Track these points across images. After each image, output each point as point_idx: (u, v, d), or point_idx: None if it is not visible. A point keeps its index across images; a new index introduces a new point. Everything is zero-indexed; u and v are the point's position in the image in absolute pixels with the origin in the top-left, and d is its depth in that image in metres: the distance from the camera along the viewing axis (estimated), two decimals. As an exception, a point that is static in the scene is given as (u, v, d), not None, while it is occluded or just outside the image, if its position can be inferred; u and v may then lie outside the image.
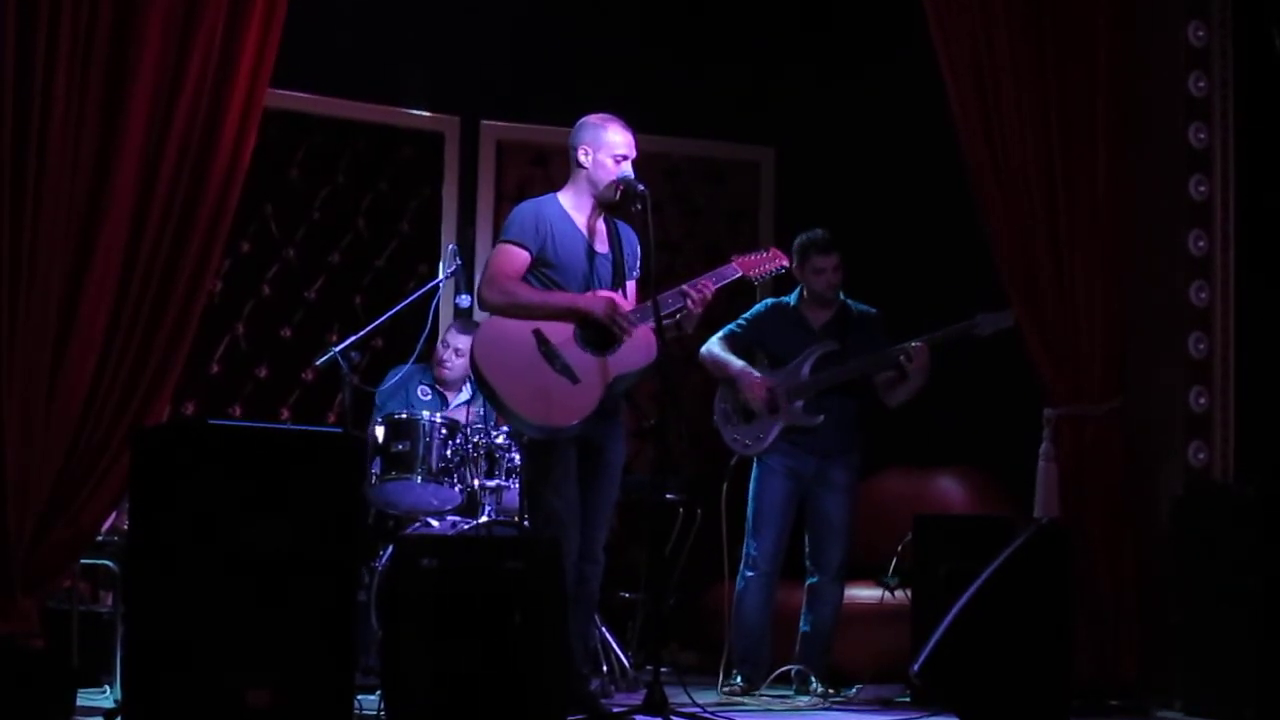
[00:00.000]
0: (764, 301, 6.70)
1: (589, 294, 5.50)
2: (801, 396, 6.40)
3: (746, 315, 6.65)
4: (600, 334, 5.47)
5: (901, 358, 6.25)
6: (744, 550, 6.46)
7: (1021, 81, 6.18)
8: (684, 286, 5.55)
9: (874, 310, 6.61)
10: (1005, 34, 6.19)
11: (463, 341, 6.81)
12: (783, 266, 5.93)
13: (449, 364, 6.94)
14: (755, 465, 6.50)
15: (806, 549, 6.46)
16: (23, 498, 4.93)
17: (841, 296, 6.58)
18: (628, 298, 5.63)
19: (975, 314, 6.25)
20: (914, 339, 6.26)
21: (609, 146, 5.56)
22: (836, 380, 6.39)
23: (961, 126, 6.22)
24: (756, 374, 6.43)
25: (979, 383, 7.00)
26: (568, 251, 5.55)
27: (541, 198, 5.69)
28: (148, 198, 5.15)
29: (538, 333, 5.40)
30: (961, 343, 6.29)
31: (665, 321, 5.40)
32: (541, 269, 5.52)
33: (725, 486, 6.57)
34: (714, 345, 6.56)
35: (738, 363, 6.49)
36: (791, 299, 6.60)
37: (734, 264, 5.75)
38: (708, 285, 5.56)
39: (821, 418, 6.38)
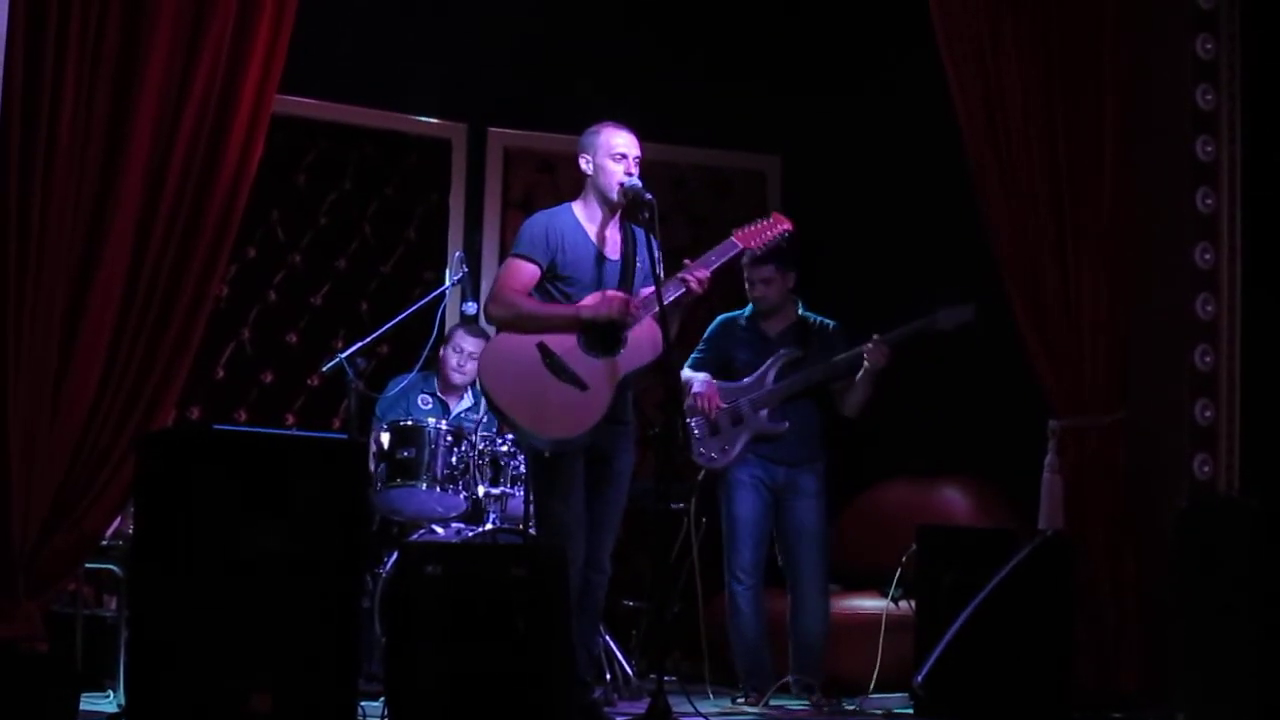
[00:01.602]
0: (715, 319, 6.66)
1: (589, 299, 5.50)
2: (766, 405, 6.40)
3: (704, 337, 6.64)
4: (603, 335, 5.47)
5: (865, 356, 6.23)
6: (725, 565, 6.46)
7: (1028, 92, 6.18)
8: (682, 274, 5.54)
9: (833, 323, 6.56)
10: (1012, 44, 6.19)
11: (471, 343, 6.81)
12: (785, 231, 5.84)
13: (463, 369, 6.91)
14: (724, 479, 6.48)
15: (780, 561, 6.46)
16: (27, 501, 4.93)
17: (801, 310, 6.56)
18: (642, 303, 5.63)
19: (938, 309, 6.23)
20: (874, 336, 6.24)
21: (606, 147, 5.58)
22: (801, 386, 6.38)
23: (968, 138, 6.22)
24: (713, 385, 6.43)
25: (983, 393, 7.01)
26: (578, 261, 5.55)
27: (555, 208, 5.69)
28: (154, 203, 5.16)
29: (542, 345, 5.40)
30: (924, 338, 6.26)
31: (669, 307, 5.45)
32: (554, 281, 5.53)
33: (694, 501, 6.59)
34: (684, 370, 6.55)
35: (699, 377, 6.49)
36: (745, 312, 6.58)
37: (733, 238, 5.73)
38: (703, 272, 5.54)
39: (787, 424, 6.37)
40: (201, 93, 5.21)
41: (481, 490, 6.42)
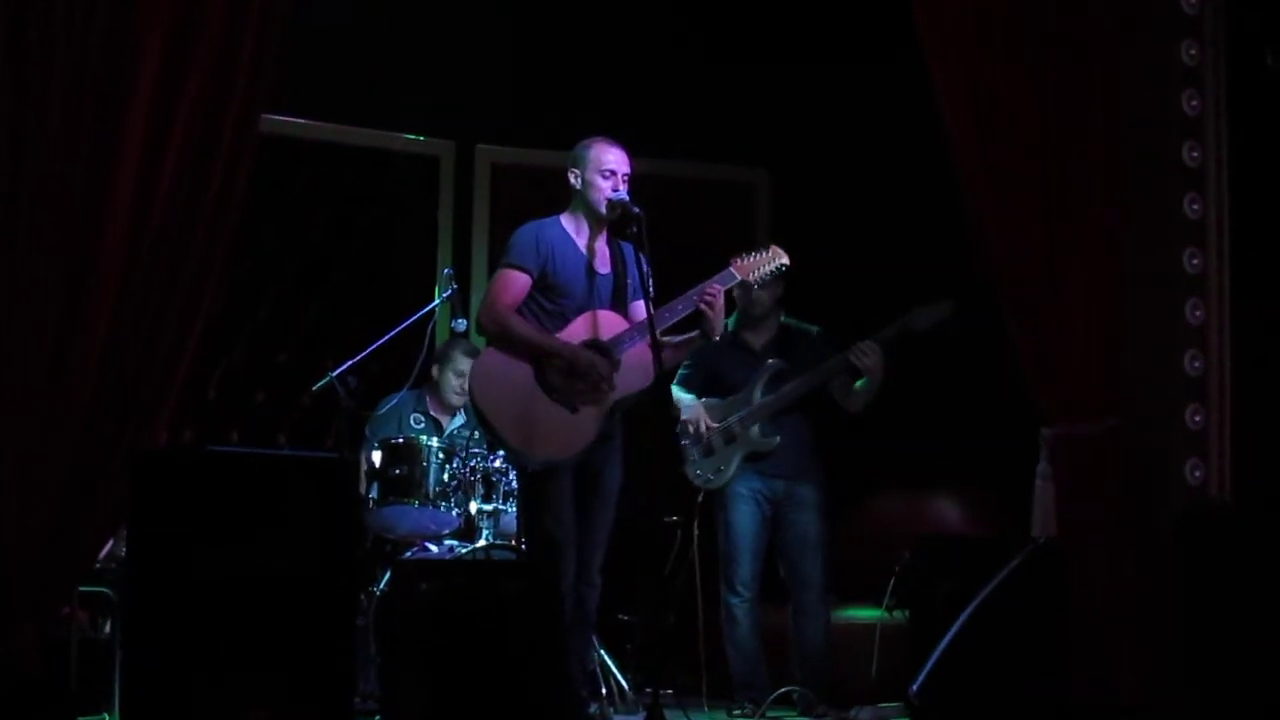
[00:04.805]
0: None
1: (579, 323, 5.50)
2: (756, 420, 6.42)
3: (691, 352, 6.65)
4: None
5: (852, 358, 6.26)
6: (721, 578, 6.46)
7: (1015, 100, 6.18)
8: (691, 294, 5.56)
9: (815, 328, 6.61)
10: (1000, 51, 6.19)
11: (469, 365, 6.80)
12: (783, 265, 5.90)
13: (464, 392, 6.86)
14: (722, 493, 6.50)
15: (782, 572, 6.47)
16: (20, 525, 4.92)
17: (782, 318, 6.58)
18: (631, 317, 5.63)
19: (911, 309, 6.27)
20: (860, 340, 6.29)
21: (596, 163, 5.59)
22: (790, 398, 6.41)
23: (956, 147, 6.22)
24: (700, 408, 6.45)
25: (975, 402, 7.01)
26: (568, 272, 5.56)
27: (543, 220, 5.70)
28: (143, 224, 5.14)
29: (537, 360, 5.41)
30: (905, 339, 6.29)
31: (689, 334, 5.54)
32: (544, 291, 5.54)
33: (696, 524, 6.59)
34: (673, 389, 6.55)
35: (686, 399, 6.51)
36: (730, 323, 6.59)
37: (731, 268, 5.77)
38: (716, 289, 5.58)
39: (778, 438, 6.40)
40: (189, 111, 5.19)
41: (474, 507, 6.42)
